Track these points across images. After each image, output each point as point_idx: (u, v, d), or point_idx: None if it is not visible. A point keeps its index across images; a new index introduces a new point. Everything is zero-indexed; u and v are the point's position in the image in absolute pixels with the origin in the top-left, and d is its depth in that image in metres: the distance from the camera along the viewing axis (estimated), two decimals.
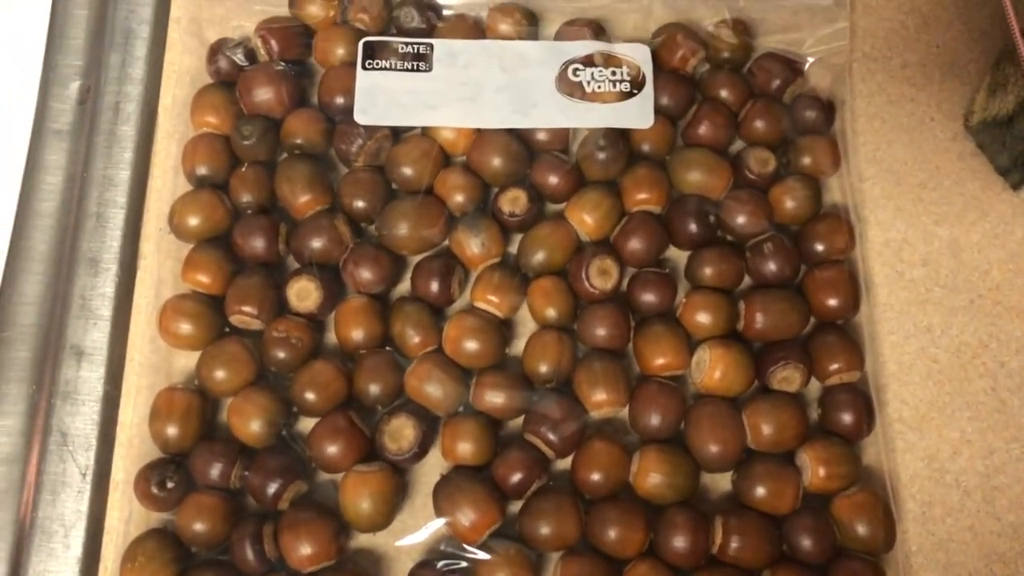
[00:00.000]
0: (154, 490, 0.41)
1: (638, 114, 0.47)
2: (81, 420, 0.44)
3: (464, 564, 0.41)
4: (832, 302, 0.45)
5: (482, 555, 0.41)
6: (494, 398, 0.43)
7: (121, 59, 0.49)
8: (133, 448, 0.43)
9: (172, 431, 0.42)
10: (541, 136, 0.47)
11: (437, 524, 0.41)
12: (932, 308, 0.47)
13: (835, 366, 0.44)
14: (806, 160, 0.47)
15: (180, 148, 0.47)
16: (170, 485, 0.41)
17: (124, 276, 0.46)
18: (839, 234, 0.46)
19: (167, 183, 0.47)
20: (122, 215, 0.47)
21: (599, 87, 0.47)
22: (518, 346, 0.46)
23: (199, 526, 0.41)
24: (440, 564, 0.41)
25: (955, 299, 0.48)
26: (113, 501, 0.44)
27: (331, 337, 0.46)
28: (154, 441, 0.43)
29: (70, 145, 0.48)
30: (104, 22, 0.50)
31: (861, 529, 0.42)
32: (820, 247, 0.46)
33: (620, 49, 0.48)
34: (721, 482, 0.44)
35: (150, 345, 0.45)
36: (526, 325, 0.46)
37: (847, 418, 0.43)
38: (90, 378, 0.44)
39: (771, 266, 0.45)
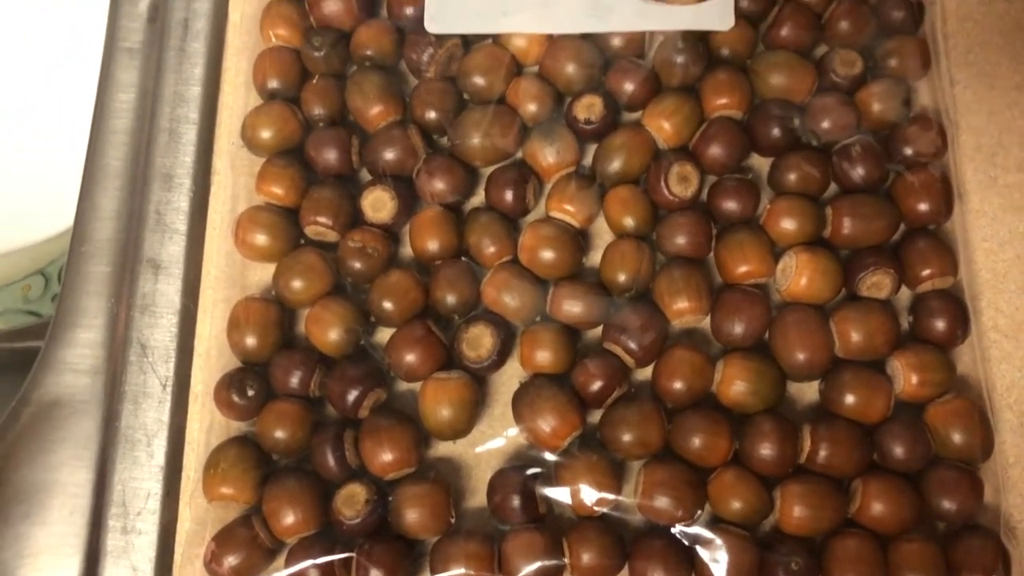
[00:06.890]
0: (234, 397, 0.41)
1: (718, 16, 0.45)
2: (160, 332, 0.44)
3: (545, 470, 0.40)
4: (923, 207, 0.43)
5: (564, 461, 0.40)
6: (572, 307, 0.43)
7: None
8: (211, 360, 0.43)
9: (251, 340, 0.42)
10: (616, 41, 0.46)
11: (516, 431, 0.41)
12: None
13: (927, 271, 0.42)
14: (893, 62, 0.45)
15: (250, 64, 0.47)
16: (250, 392, 0.41)
17: (198, 191, 0.46)
18: (929, 137, 0.44)
19: (238, 98, 0.47)
20: (194, 131, 0.47)
21: None
22: (594, 259, 0.45)
23: (280, 433, 0.41)
24: (526, 471, 0.40)
25: None
26: (193, 413, 0.44)
27: (406, 252, 0.45)
28: (232, 351, 0.43)
29: (141, 63, 0.48)
30: None
31: (957, 437, 0.40)
32: (910, 151, 0.44)
33: None
34: (808, 392, 0.43)
35: (226, 259, 0.45)
36: (602, 238, 0.45)
37: (940, 324, 0.42)
38: (167, 291, 0.44)
39: (859, 170, 0.43)
